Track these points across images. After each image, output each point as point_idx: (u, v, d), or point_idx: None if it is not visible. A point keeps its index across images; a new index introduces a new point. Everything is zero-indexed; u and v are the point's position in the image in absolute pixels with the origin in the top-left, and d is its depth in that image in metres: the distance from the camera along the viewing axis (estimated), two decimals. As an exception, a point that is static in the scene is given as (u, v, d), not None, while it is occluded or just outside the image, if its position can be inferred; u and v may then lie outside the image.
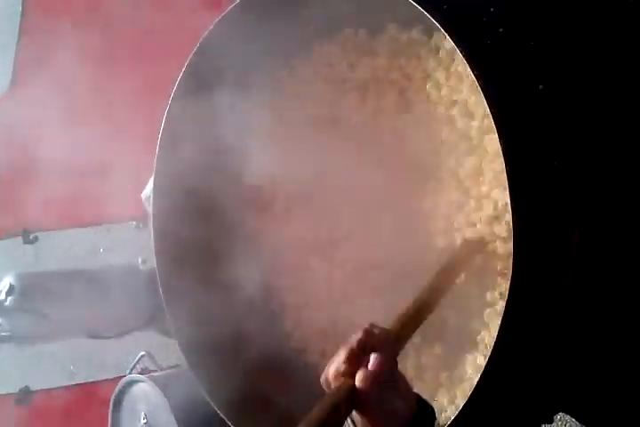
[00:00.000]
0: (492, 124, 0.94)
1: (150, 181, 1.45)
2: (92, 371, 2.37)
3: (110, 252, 2.38)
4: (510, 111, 0.96)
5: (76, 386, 2.40)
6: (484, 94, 0.94)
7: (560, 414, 1.49)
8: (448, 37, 0.97)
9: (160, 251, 1.41)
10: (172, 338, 1.42)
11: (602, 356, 1.13)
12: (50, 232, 2.48)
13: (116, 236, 2.39)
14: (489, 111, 0.95)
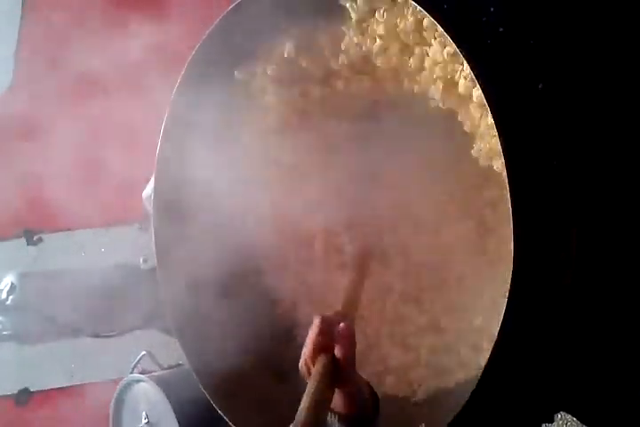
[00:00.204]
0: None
1: (151, 180, 1.45)
2: (93, 371, 2.37)
3: (111, 252, 2.39)
4: (510, 110, 0.96)
5: (76, 386, 2.40)
6: (484, 93, 0.94)
7: (561, 413, 1.49)
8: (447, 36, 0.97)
9: (160, 250, 1.41)
10: (173, 337, 1.42)
11: (602, 355, 1.13)
12: (53, 234, 2.49)
13: (118, 237, 2.39)
14: (489, 110, 0.95)
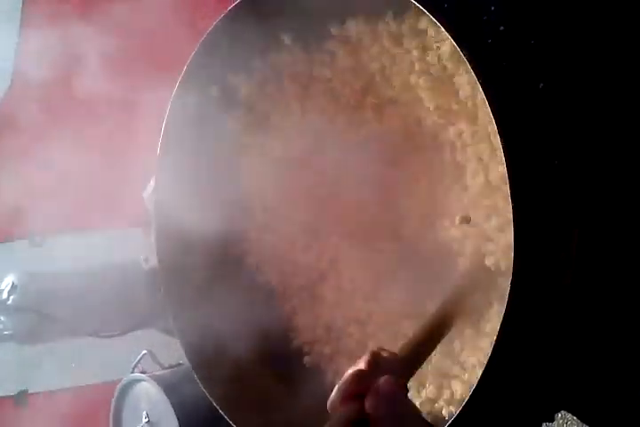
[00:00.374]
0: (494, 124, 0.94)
1: (152, 180, 1.45)
2: (93, 371, 2.37)
3: (112, 251, 2.39)
4: (511, 110, 0.96)
5: (76, 387, 2.40)
6: (484, 93, 0.94)
7: (561, 412, 1.49)
8: (449, 36, 0.97)
9: (161, 249, 1.41)
10: (173, 337, 1.42)
11: (603, 354, 1.13)
12: (57, 236, 2.49)
13: (118, 237, 2.39)
14: (490, 110, 0.95)
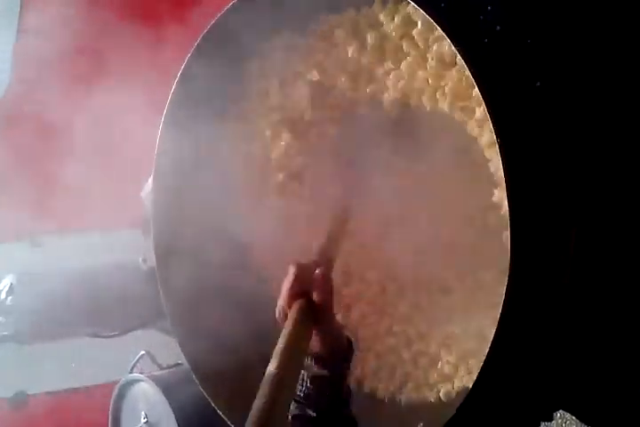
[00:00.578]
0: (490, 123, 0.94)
1: (150, 179, 1.45)
2: (92, 371, 2.36)
3: (111, 252, 2.38)
4: (508, 108, 0.96)
5: (75, 387, 2.39)
6: (480, 92, 0.94)
7: (560, 411, 1.49)
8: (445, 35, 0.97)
9: (160, 250, 1.41)
10: (172, 337, 1.42)
11: (601, 354, 1.13)
12: (56, 236, 2.48)
13: (117, 237, 2.39)
14: (486, 109, 0.95)
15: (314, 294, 0.93)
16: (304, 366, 0.92)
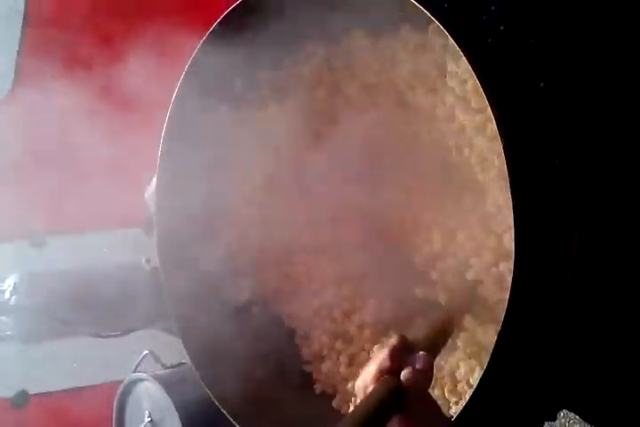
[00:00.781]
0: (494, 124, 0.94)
1: (153, 179, 1.45)
2: (95, 371, 2.37)
3: (114, 252, 2.39)
4: (511, 109, 0.96)
5: (78, 387, 2.40)
6: (484, 92, 0.94)
7: (563, 411, 1.49)
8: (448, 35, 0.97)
9: (163, 250, 1.41)
10: (175, 337, 1.42)
11: (604, 353, 1.13)
12: (58, 236, 2.48)
13: (120, 237, 2.39)
14: (490, 110, 0.95)
15: (404, 375, 0.77)
16: None
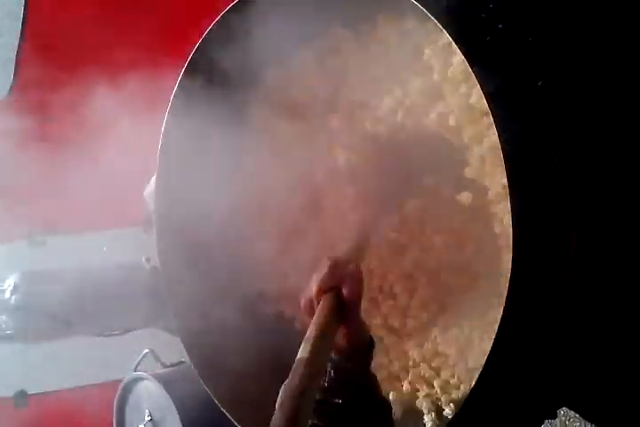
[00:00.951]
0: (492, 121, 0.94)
1: (152, 179, 1.45)
2: (95, 370, 2.37)
3: (114, 252, 2.39)
4: (509, 107, 0.96)
5: (78, 387, 2.40)
6: (482, 91, 0.94)
7: (563, 409, 1.49)
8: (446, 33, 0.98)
9: (163, 249, 1.41)
10: (175, 336, 1.42)
11: (604, 351, 1.13)
12: (57, 236, 2.49)
13: (120, 237, 2.39)
14: (488, 107, 0.95)
15: (344, 290, 0.93)
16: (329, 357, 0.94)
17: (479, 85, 0.94)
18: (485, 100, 0.95)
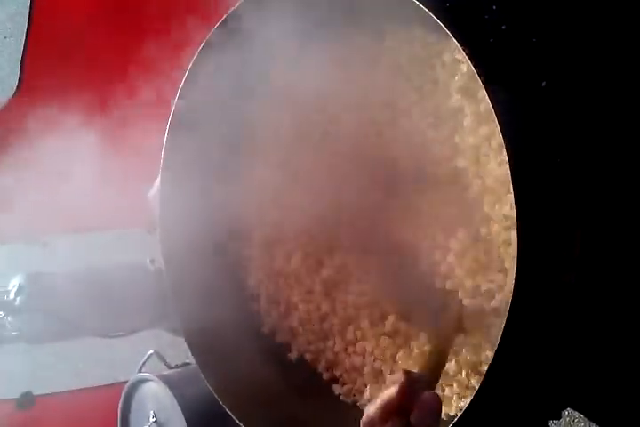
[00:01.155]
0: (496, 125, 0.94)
1: (157, 180, 1.45)
2: (100, 371, 2.37)
3: (118, 253, 2.39)
4: (513, 108, 0.96)
5: (83, 388, 2.40)
6: (486, 92, 0.94)
7: (568, 410, 1.49)
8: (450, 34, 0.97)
9: (167, 250, 1.41)
10: (180, 337, 1.43)
11: (608, 352, 1.13)
12: (60, 237, 2.49)
13: (124, 238, 2.40)
14: (492, 108, 0.95)
15: (415, 417, 0.77)
16: None
17: (484, 87, 0.94)
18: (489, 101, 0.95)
